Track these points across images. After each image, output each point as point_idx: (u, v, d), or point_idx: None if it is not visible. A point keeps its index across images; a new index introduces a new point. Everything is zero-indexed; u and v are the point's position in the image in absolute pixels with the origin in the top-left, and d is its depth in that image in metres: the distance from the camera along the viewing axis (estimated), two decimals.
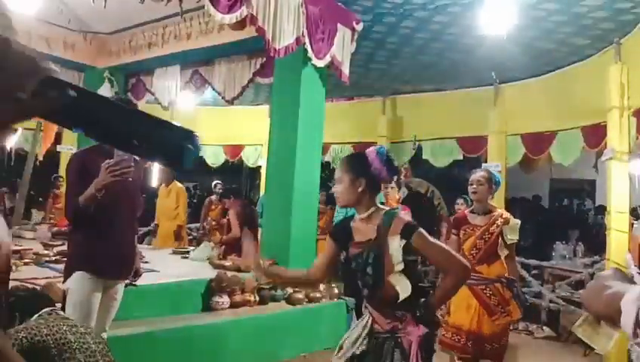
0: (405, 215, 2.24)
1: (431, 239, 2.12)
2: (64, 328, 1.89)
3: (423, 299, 2.14)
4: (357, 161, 2.23)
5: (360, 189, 2.17)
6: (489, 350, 3.41)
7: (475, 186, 3.57)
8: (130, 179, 2.59)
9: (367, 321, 2.22)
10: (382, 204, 2.37)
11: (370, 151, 2.22)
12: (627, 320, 0.81)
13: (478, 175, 3.60)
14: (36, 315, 1.97)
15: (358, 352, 2.17)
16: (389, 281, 2.11)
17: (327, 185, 8.35)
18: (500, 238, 3.46)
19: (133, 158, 2.51)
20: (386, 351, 2.13)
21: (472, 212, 3.63)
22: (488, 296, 3.42)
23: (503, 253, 3.46)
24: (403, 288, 2.07)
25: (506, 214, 3.58)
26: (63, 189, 4.29)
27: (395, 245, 2.08)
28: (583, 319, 1.01)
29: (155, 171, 8.55)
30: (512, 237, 3.47)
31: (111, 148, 2.50)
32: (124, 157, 2.46)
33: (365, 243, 2.19)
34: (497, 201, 5.29)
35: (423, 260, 2.98)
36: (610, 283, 0.91)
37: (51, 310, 2.03)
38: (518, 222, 3.55)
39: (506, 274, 3.51)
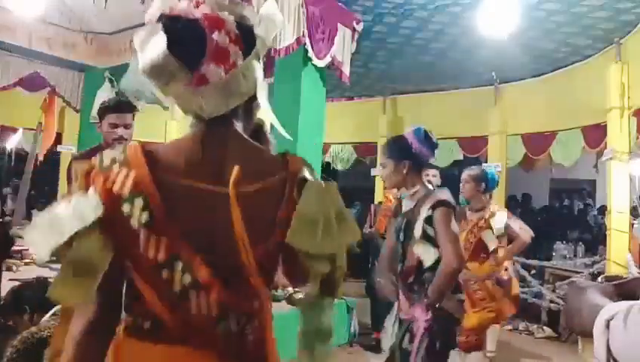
0: (446, 194, 2.30)
1: (449, 221, 2.18)
2: None
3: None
4: (398, 145, 2.38)
5: (405, 171, 2.31)
6: (463, 341, 3.43)
7: (462, 185, 3.70)
8: None
9: (394, 311, 2.34)
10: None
11: (409, 134, 2.36)
12: (599, 351, 0.75)
13: (464, 174, 3.72)
14: (51, 312, 1.94)
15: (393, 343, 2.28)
16: (413, 250, 2.22)
17: None
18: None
19: None
20: (400, 334, 2.23)
21: (469, 209, 3.75)
22: (474, 290, 3.49)
23: (491, 245, 3.53)
24: (426, 255, 2.18)
25: (494, 208, 3.67)
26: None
27: (422, 214, 2.21)
28: None
29: None
30: (490, 246, 3.53)
31: None
32: None
33: (405, 213, 2.35)
34: (497, 201, 5.27)
35: None
36: (587, 300, 0.83)
37: None
38: (502, 220, 3.59)
39: (499, 274, 3.56)
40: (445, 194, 2.27)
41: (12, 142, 8.71)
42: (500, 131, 7.08)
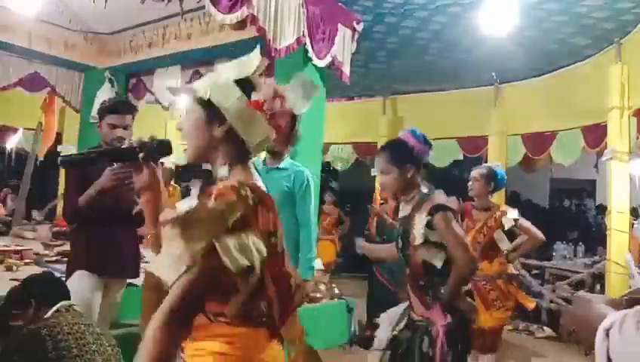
0: (442, 197, 2.26)
1: (453, 224, 2.14)
2: (82, 327, 1.87)
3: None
4: (400, 150, 2.29)
5: (409, 176, 2.25)
6: (480, 343, 3.44)
7: (470, 183, 3.67)
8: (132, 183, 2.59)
9: (406, 307, 2.30)
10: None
11: (407, 136, 2.28)
12: (600, 360, 0.74)
13: (474, 172, 3.69)
14: (54, 308, 1.95)
15: (392, 335, 2.25)
16: (415, 256, 2.18)
17: (329, 185, 8.34)
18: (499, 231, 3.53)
19: (134, 164, 2.53)
20: (417, 337, 2.18)
21: (474, 208, 3.71)
22: (487, 291, 3.48)
23: (503, 245, 3.52)
24: (435, 260, 2.14)
25: (504, 207, 3.67)
26: None
27: (420, 221, 2.15)
28: None
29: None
30: (502, 246, 3.52)
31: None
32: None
33: (402, 219, 2.30)
34: (497, 200, 5.27)
35: None
36: (595, 313, 0.81)
37: (69, 305, 2.01)
38: (514, 216, 3.57)
39: (508, 271, 3.56)
40: (441, 198, 2.24)
41: (12, 142, 8.71)
42: (500, 131, 7.08)
